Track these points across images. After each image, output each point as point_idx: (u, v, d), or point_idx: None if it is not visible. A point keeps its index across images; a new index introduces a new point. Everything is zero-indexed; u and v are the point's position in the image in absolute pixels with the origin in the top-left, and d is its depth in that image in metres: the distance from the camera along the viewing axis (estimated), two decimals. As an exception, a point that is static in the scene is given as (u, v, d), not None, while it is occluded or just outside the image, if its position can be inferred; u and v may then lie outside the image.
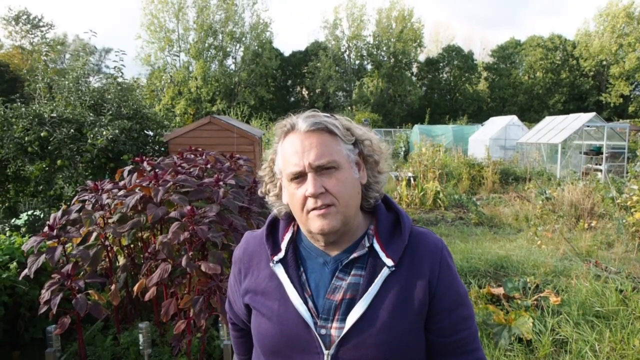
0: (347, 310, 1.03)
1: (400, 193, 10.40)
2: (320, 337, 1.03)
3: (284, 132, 1.09)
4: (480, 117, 36.54)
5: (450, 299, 1.07)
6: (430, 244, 1.10)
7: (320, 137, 1.03)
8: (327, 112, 1.11)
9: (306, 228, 1.08)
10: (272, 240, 1.16)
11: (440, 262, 1.08)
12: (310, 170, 1.01)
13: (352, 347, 1.01)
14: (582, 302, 3.91)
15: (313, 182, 1.01)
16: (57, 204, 5.93)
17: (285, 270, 1.09)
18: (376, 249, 1.07)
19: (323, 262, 1.09)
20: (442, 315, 1.06)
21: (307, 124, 1.04)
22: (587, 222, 6.97)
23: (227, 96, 37.62)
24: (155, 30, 37.34)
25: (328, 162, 1.01)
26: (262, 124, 20.80)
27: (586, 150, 14.07)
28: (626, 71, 39.10)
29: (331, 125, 1.05)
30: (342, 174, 1.03)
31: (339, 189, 1.02)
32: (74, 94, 6.77)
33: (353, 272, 1.06)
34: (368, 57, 43.88)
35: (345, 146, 1.06)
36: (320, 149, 1.02)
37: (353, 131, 1.09)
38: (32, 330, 3.48)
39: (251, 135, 7.18)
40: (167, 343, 2.97)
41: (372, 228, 1.11)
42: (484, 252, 5.73)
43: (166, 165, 3.38)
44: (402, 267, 1.06)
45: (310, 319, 1.04)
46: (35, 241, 2.74)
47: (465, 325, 1.08)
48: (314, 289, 1.07)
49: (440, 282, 1.07)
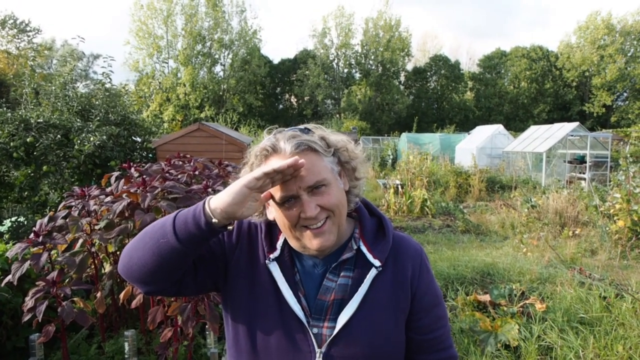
0: (338, 310, 1.08)
1: (388, 200, 10.45)
2: (313, 336, 1.06)
3: (264, 156, 1.07)
4: (467, 126, 36.99)
5: (429, 299, 1.16)
6: (411, 248, 1.18)
7: (306, 158, 1.02)
8: (314, 121, 1.12)
9: (299, 245, 1.09)
10: (269, 238, 1.16)
11: (421, 265, 1.16)
12: (304, 192, 1.02)
13: (343, 346, 1.06)
14: (566, 308, 3.97)
15: (308, 204, 1.02)
16: (42, 210, 5.85)
17: (281, 269, 1.11)
18: (363, 251, 1.12)
19: (313, 264, 1.13)
20: (421, 314, 1.14)
21: (291, 146, 1.03)
22: (572, 230, 7.08)
23: (215, 103, 37.51)
24: (143, 37, 37.16)
25: (318, 181, 1.03)
26: (251, 131, 20.78)
27: (570, 159, 14.32)
28: (607, 82, 39.98)
29: (313, 143, 1.05)
30: (331, 188, 1.05)
31: (333, 202, 1.05)
32: (61, 99, 6.71)
33: (342, 274, 1.10)
34: (356, 66, 44.19)
35: (327, 160, 1.07)
36: (309, 171, 1.02)
37: (329, 141, 1.10)
38: (15, 339, 3.40)
39: (240, 142, 7.17)
40: (153, 351, 2.93)
41: (357, 232, 1.16)
42: (470, 259, 5.77)
43: (154, 172, 3.36)
44: (387, 268, 1.12)
45: (303, 317, 1.07)
46: (20, 247, 2.70)
47: (441, 323, 1.17)
48: (307, 289, 1.11)
49: (420, 283, 1.15)
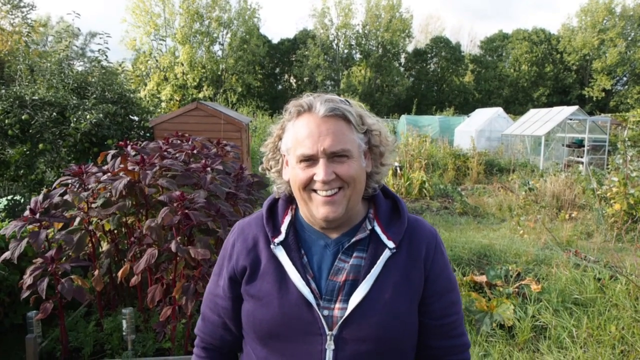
0: (350, 291, 1.05)
1: (387, 182, 10.46)
2: (324, 318, 1.04)
3: (297, 112, 1.07)
4: (467, 109, 36.77)
5: (442, 283, 1.13)
6: (427, 230, 1.16)
7: (336, 124, 1.03)
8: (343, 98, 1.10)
9: (307, 210, 1.08)
10: (272, 223, 1.14)
11: (435, 247, 1.14)
12: (323, 156, 1.01)
13: (355, 328, 1.03)
14: (561, 289, 4.01)
15: (325, 168, 1.01)
16: (38, 188, 5.81)
17: (287, 253, 1.09)
18: (377, 232, 1.10)
19: (324, 244, 1.10)
20: (434, 298, 1.11)
21: (325, 109, 1.03)
22: (568, 213, 7.12)
23: (213, 83, 37.12)
24: (140, 14, 36.51)
25: (342, 150, 1.02)
26: (250, 112, 20.61)
27: (568, 143, 14.30)
28: (608, 66, 39.66)
29: (348, 112, 1.04)
30: (353, 162, 1.04)
31: (350, 174, 1.03)
32: (57, 76, 6.61)
33: (355, 255, 1.08)
34: (357, 47, 43.66)
35: (357, 135, 1.07)
36: (335, 136, 1.02)
37: (364, 120, 1.09)
38: (12, 316, 3.43)
39: (238, 121, 7.12)
40: (151, 329, 2.95)
41: (372, 212, 1.14)
42: (467, 241, 5.81)
43: (152, 150, 3.33)
44: (402, 250, 1.09)
45: (313, 299, 1.04)
46: (16, 226, 2.69)
47: (454, 309, 1.14)
48: (316, 271, 1.08)
49: (433, 266, 1.12)
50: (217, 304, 1.18)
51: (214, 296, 1.20)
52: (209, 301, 1.22)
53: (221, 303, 1.17)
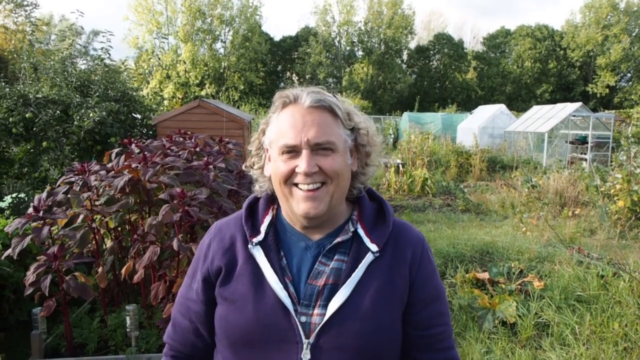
0: (329, 296, 0.98)
1: (389, 179, 10.46)
2: (301, 325, 0.97)
3: (283, 103, 1.03)
4: (469, 106, 36.69)
5: (429, 291, 1.06)
6: (413, 235, 1.10)
7: (322, 116, 0.99)
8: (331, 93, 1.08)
9: (288, 206, 1.03)
10: (251, 222, 1.09)
11: (422, 253, 1.08)
12: (307, 147, 0.97)
13: (333, 335, 0.96)
14: (564, 286, 4.00)
15: (307, 159, 0.97)
16: (42, 186, 5.85)
17: (265, 254, 1.03)
18: (360, 235, 1.05)
19: (305, 246, 1.05)
20: (419, 306, 1.05)
21: (311, 100, 0.99)
22: (571, 210, 7.10)
23: (216, 80, 37.13)
24: (142, 12, 36.54)
25: (327, 142, 0.98)
26: (252, 109, 20.62)
27: (572, 140, 14.25)
28: (612, 62, 39.45)
29: (335, 105, 1.01)
30: (337, 156, 1.00)
31: (334, 169, 0.99)
32: (60, 75, 6.63)
33: (336, 257, 1.02)
34: (359, 44, 43.57)
35: (344, 130, 1.03)
36: (321, 128, 0.98)
37: (352, 116, 1.06)
38: (17, 312, 3.45)
39: (240, 119, 7.13)
40: (155, 325, 2.97)
41: (356, 214, 1.09)
42: (470, 238, 5.80)
43: (155, 148, 3.34)
44: (386, 254, 1.04)
45: (290, 304, 0.98)
46: (20, 223, 2.70)
47: (441, 320, 1.07)
48: (295, 274, 1.02)
49: (420, 272, 1.06)
50: (190, 308, 1.11)
51: (186, 300, 1.13)
52: (180, 305, 1.14)
53: (194, 307, 1.10)
